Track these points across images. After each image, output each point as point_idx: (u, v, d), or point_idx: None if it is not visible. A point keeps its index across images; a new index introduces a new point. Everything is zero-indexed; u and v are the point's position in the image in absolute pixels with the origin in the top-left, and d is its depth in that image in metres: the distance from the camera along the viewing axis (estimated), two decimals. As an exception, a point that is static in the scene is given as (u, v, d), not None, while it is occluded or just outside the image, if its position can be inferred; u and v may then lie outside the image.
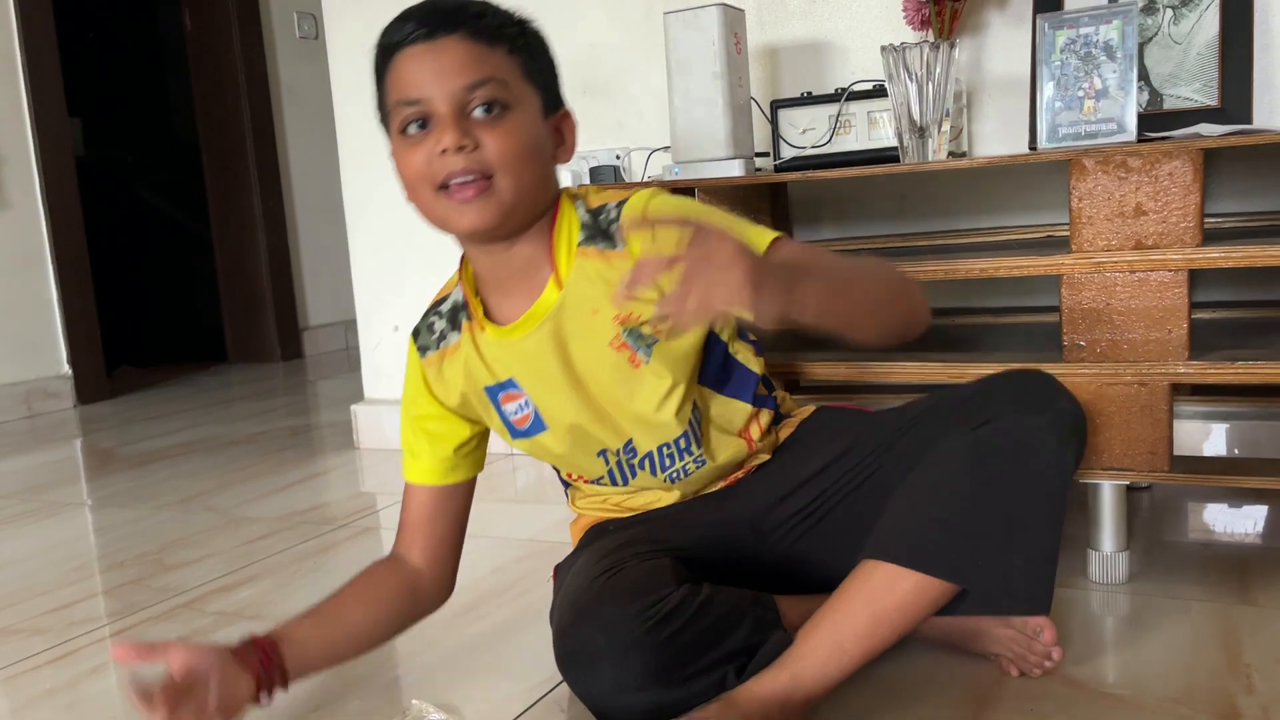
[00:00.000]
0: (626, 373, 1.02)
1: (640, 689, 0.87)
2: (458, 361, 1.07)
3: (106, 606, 1.46)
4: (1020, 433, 0.92)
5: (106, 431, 2.86)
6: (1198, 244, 1.16)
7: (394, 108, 0.95)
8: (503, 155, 0.93)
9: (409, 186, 0.97)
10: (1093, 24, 1.46)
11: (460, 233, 0.97)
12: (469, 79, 0.92)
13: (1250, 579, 1.25)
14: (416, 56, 0.93)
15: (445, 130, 0.91)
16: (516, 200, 0.95)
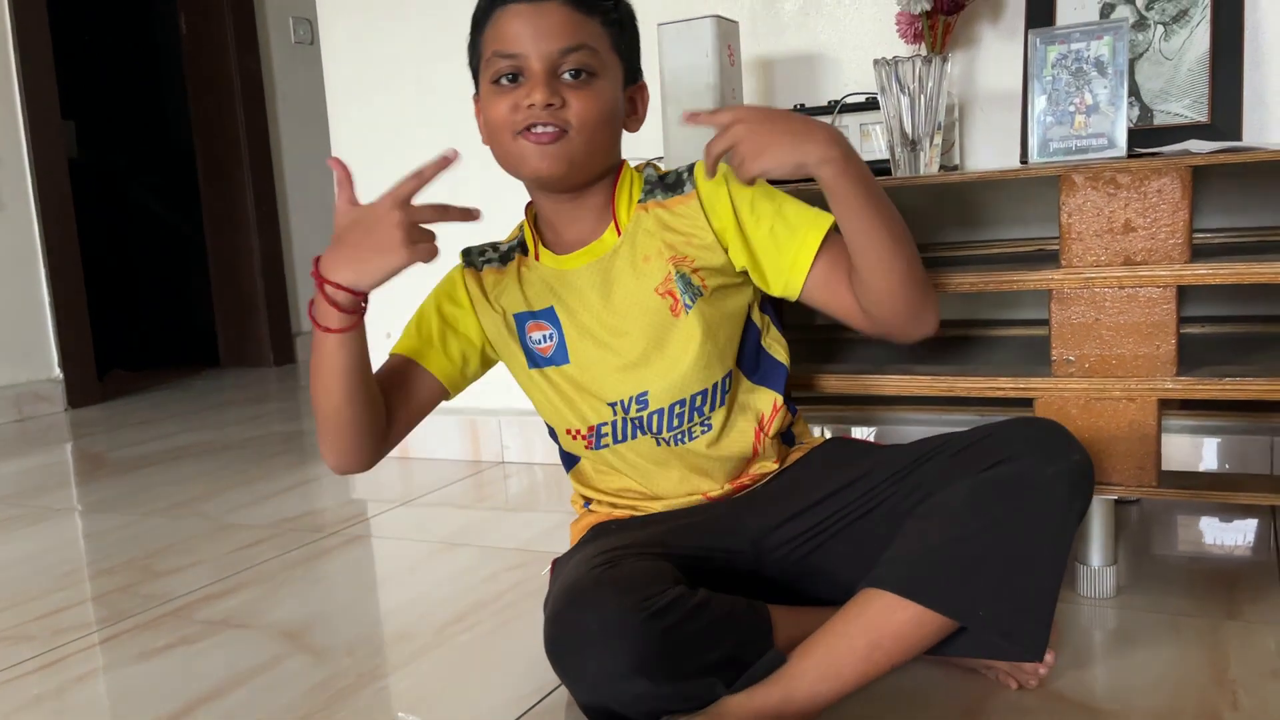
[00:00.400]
0: (663, 318, 1.09)
1: (626, 678, 0.87)
2: (497, 285, 1.17)
3: (95, 613, 1.46)
4: (1032, 477, 0.93)
5: (97, 436, 2.86)
6: (1186, 260, 1.17)
7: (490, 58, 1.04)
8: (582, 117, 1.02)
9: (491, 129, 1.07)
10: (1084, 40, 1.47)
11: (531, 175, 1.06)
12: (564, 43, 1.01)
13: (1238, 594, 1.26)
14: (519, 14, 1.02)
15: (536, 87, 1.00)
16: (586, 157, 1.04)
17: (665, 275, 1.09)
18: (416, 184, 0.98)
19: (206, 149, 3.96)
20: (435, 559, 1.61)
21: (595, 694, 0.89)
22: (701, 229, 1.09)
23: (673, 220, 1.10)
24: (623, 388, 1.11)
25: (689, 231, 1.09)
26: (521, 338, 1.16)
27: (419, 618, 1.37)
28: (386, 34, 2.21)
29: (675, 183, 1.12)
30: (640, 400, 1.11)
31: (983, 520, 0.92)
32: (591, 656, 0.88)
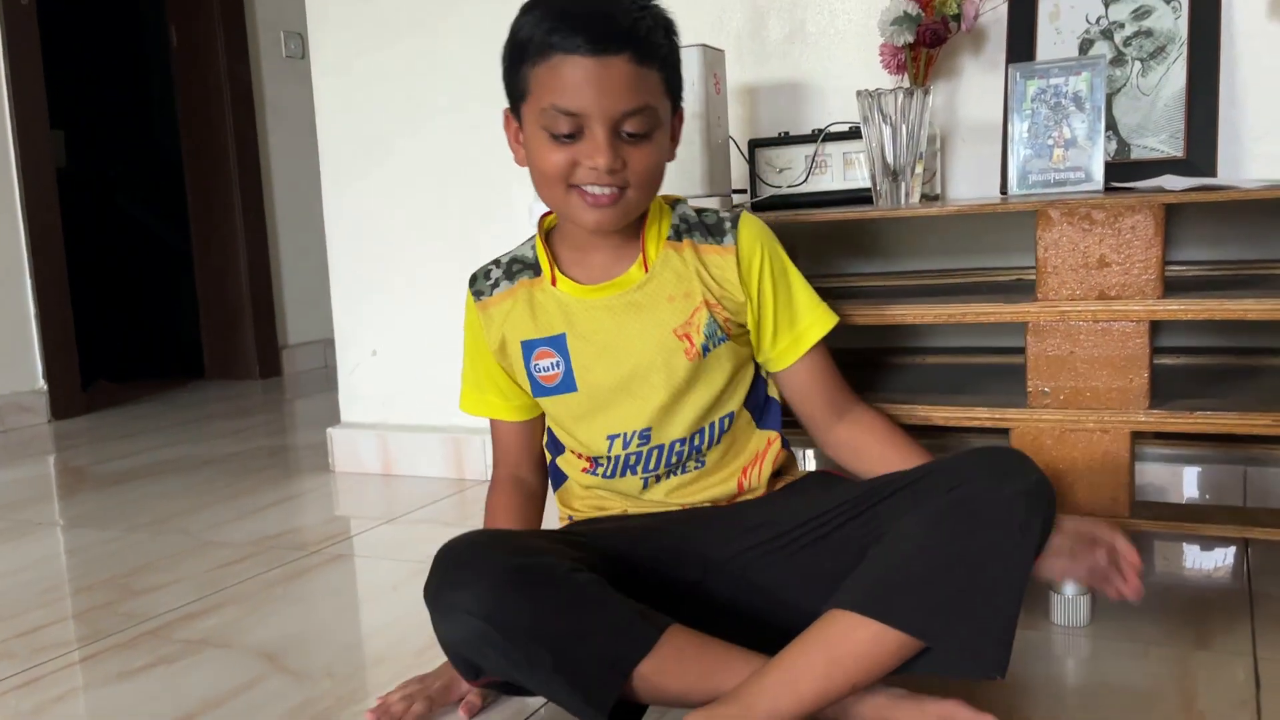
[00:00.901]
0: (677, 359, 1.11)
1: (471, 614, 0.92)
2: (503, 309, 1.16)
3: (75, 632, 1.46)
4: (989, 497, 0.94)
5: (80, 449, 2.85)
6: (1159, 296, 1.19)
7: (548, 109, 1.01)
8: (641, 175, 1.03)
9: (542, 177, 1.05)
10: (1063, 75, 1.50)
11: (582, 227, 1.07)
12: (628, 105, 1.00)
13: (1209, 624, 1.28)
14: (583, 69, 0.99)
15: (601, 152, 1.00)
16: (638, 208, 1.07)
17: (689, 317, 1.11)
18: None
19: (195, 161, 3.96)
20: (417, 579, 1.60)
21: (447, 625, 0.96)
22: (733, 284, 1.12)
23: (710, 266, 1.12)
24: (628, 422, 1.13)
25: (723, 280, 1.12)
26: (526, 364, 1.16)
27: (399, 640, 1.37)
28: (376, 50, 2.23)
29: (716, 228, 1.13)
30: (643, 435, 1.13)
31: (940, 540, 0.94)
32: (448, 585, 0.94)
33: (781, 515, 1.10)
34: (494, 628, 0.92)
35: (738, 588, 1.08)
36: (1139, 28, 1.57)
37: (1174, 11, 1.55)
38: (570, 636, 0.92)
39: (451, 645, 0.98)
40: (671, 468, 1.14)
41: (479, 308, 1.18)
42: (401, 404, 2.32)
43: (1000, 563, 0.93)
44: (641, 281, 1.11)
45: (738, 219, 1.14)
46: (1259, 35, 1.55)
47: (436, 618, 0.97)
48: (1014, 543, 0.94)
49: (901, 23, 1.58)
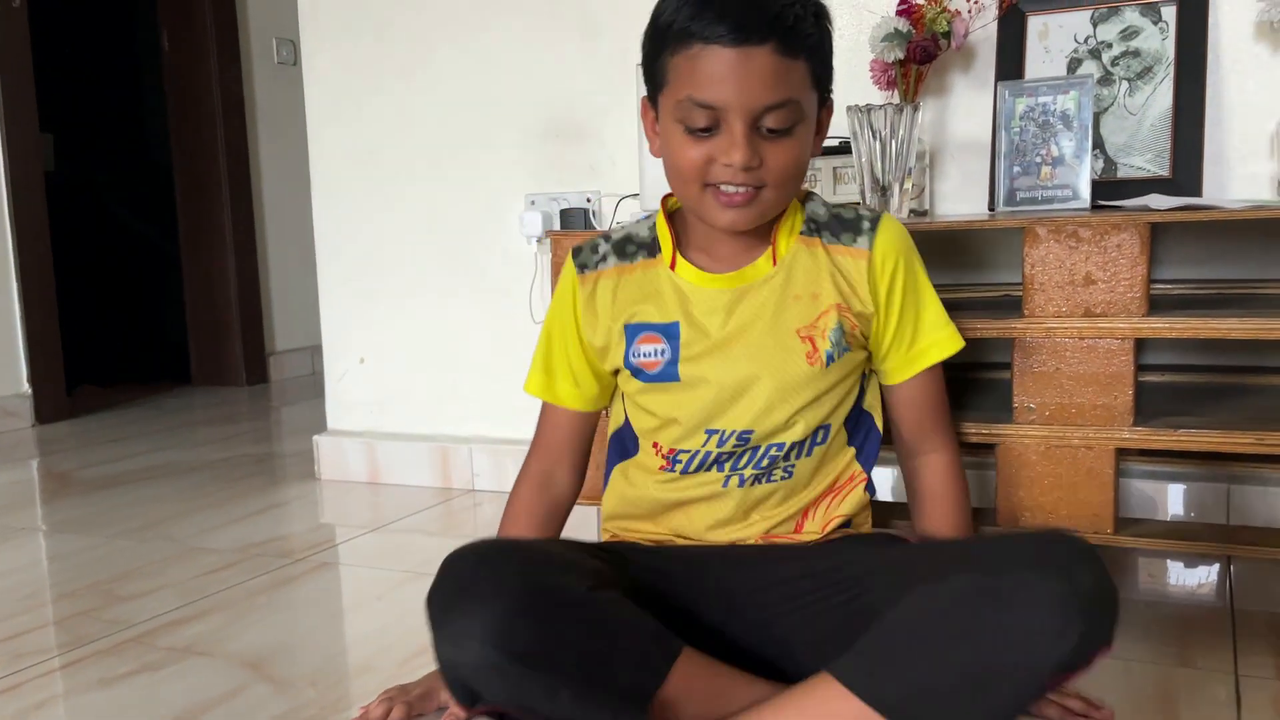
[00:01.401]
0: (797, 361, 1.04)
1: (482, 642, 0.83)
2: (609, 286, 1.09)
3: (56, 638, 1.45)
4: (1021, 593, 0.80)
5: (65, 453, 2.83)
6: (1144, 314, 1.20)
7: (684, 101, 0.95)
8: (779, 173, 0.97)
9: (676, 172, 0.99)
10: (1051, 94, 1.51)
11: (716, 227, 1.01)
12: (770, 99, 0.93)
13: (1191, 641, 1.28)
14: (724, 60, 0.92)
15: (737, 148, 0.94)
16: (775, 208, 1.01)
17: (815, 319, 1.04)
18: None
19: (185, 165, 3.95)
20: (402, 588, 1.61)
21: (453, 651, 0.86)
22: (864, 289, 1.04)
23: (842, 268, 1.05)
24: (731, 420, 1.04)
25: (856, 284, 1.05)
26: (628, 347, 1.08)
27: (384, 649, 1.37)
28: (368, 59, 2.23)
29: (852, 225, 1.06)
30: (743, 437, 1.05)
31: (955, 631, 0.82)
32: (456, 608, 0.86)
33: (819, 572, 1.02)
34: (507, 657, 0.84)
35: (758, 636, 1.02)
36: (1126, 48, 1.58)
37: (1161, 33, 1.56)
38: (589, 666, 0.86)
39: (455, 670, 0.88)
40: (761, 471, 1.06)
41: (581, 281, 1.09)
42: (389, 412, 2.32)
43: (1013, 673, 0.81)
44: (769, 275, 1.04)
45: (878, 221, 1.06)
46: (1245, 57, 1.57)
47: (441, 641, 0.88)
48: (1041, 653, 0.80)
49: (892, 39, 1.59)
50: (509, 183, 2.12)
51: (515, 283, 2.12)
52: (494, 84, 2.12)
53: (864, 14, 1.76)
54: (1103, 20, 1.60)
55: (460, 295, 2.20)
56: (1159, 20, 1.56)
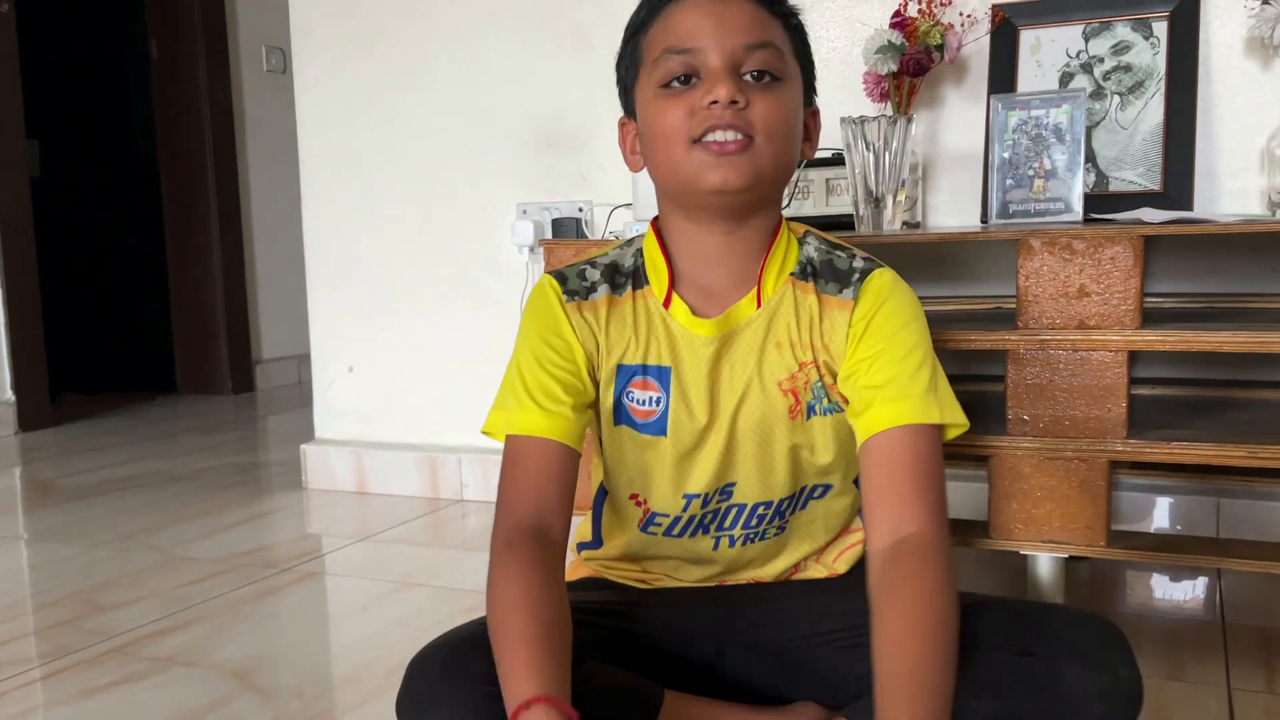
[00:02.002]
0: (778, 417, 0.93)
1: None
2: (600, 318, 0.95)
3: (37, 648, 1.43)
4: (1066, 685, 0.77)
5: (47, 461, 2.80)
6: (1137, 326, 1.20)
7: (660, 57, 0.89)
8: (768, 121, 0.87)
9: (659, 140, 0.89)
10: (1043, 107, 1.51)
11: (714, 189, 0.87)
12: (751, 38, 0.87)
13: (1182, 654, 1.28)
14: (698, 7, 0.88)
15: (719, 83, 0.86)
16: (770, 170, 0.89)
17: (795, 372, 0.93)
18: None
19: (172, 173, 3.93)
20: (389, 599, 1.60)
21: None
22: (839, 348, 0.93)
23: (824, 319, 0.93)
24: (709, 481, 0.95)
25: (831, 338, 0.93)
26: (618, 391, 0.95)
27: (370, 659, 1.35)
28: (359, 69, 2.23)
29: (844, 276, 0.94)
30: (725, 491, 0.96)
31: (992, 710, 0.79)
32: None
33: (814, 615, 0.96)
34: None
35: (751, 674, 0.97)
36: (1118, 62, 1.59)
37: (1152, 48, 1.57)
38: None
39: None
40: (751, 531, 0.97)
41: (572, 308, 0.94)
42: (377, 421, 2.30)
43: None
44: (750, 318, 0.93)
45: (868, 273, 0.94)
46: (1235, 73, 1.58)
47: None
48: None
49: (885, 51, 1.60)
50: (500, 192, 2.12)
51: (506, 292, 2.12)
52: (485, 93, 2.11)
53: (857, 26, 1.76)
54: (1094, 35, 1.60)
55: (450, 304, 2.19)
56: (1150, 35, 1.57)
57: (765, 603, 0.98)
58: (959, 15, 1.65)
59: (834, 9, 1.80)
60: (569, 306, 0.95)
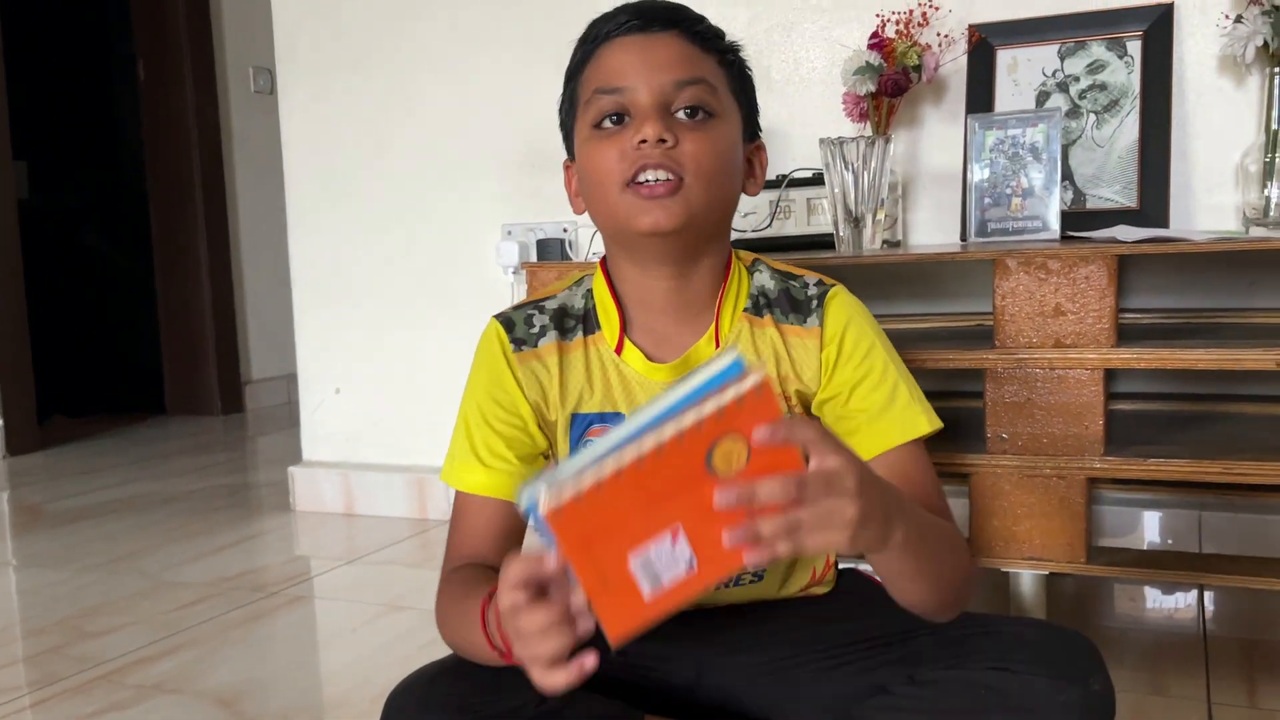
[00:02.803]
0: None
1: None
2: (550, 367, 0.93)
3: (25, 676, 1.43)
4: (1035, 701, 0.77)
5: (35, 486, 2.80)
6: (1113, 345, 1.21)
7: (591, 97, 0.88)
8: (698, 160, 0.85)
9: (593, 185, 0.89)
10: (1020, 126, 1.54)
11: (645, 233, 0.86)
12: (679, 75, 0.86)
13: (1163, 669, 1.29)
14: (626, 46, 0.88)
15: (647, 121, 0.84)
16: (704, 210, 0.87)
17: None
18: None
19: (160, 193, 3.93)
20: (378, 622, 1.60)
21: None
22: (813, 368, 0.92)
23: (793, 349, 0.92)
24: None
25: (803, 364, 0.92)
26: (575, 439, 0.94)
27: (359, 683, 1.36)
28: (345, 91, 2.24)
29: (803, 305, 0.93)
30: None
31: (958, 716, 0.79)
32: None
33: (795, 637, 0.95)
34: None
35: (731, 696, 0.96)
36: (1093, 81, 1.61)
37: (1127, 66, 1.59)
38: None
39: None
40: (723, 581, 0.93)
41: (518, 359, 0.94)
42: (364, 443, 2.30)
43: None
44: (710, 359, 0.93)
45: (825, 295, 0.94)
46: (1210, 90, 1.60)
47: None
48: None
49: (864, 72, 1.61)
50: (486, 212, 2.13)
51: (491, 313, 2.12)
52: (471, 115, 2.12)
53: (836, 48, 1.78)
54: (1070, 54, 1.62)
55: (436, 325, 2.20)
56: (1125, 54, 1.59)
57: (744, 623, 0.98)
58: (936, 36, 1.67)
59: (813, 30, 1.82)
60: (514, 358, 0.94)
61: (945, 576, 0.82)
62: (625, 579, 0.63)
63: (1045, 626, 0.87)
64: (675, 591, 0.64)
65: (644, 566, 0.63)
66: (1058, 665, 0.79)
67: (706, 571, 0.64)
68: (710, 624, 0.97)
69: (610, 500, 0.61)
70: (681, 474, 0.62)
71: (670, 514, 0.62)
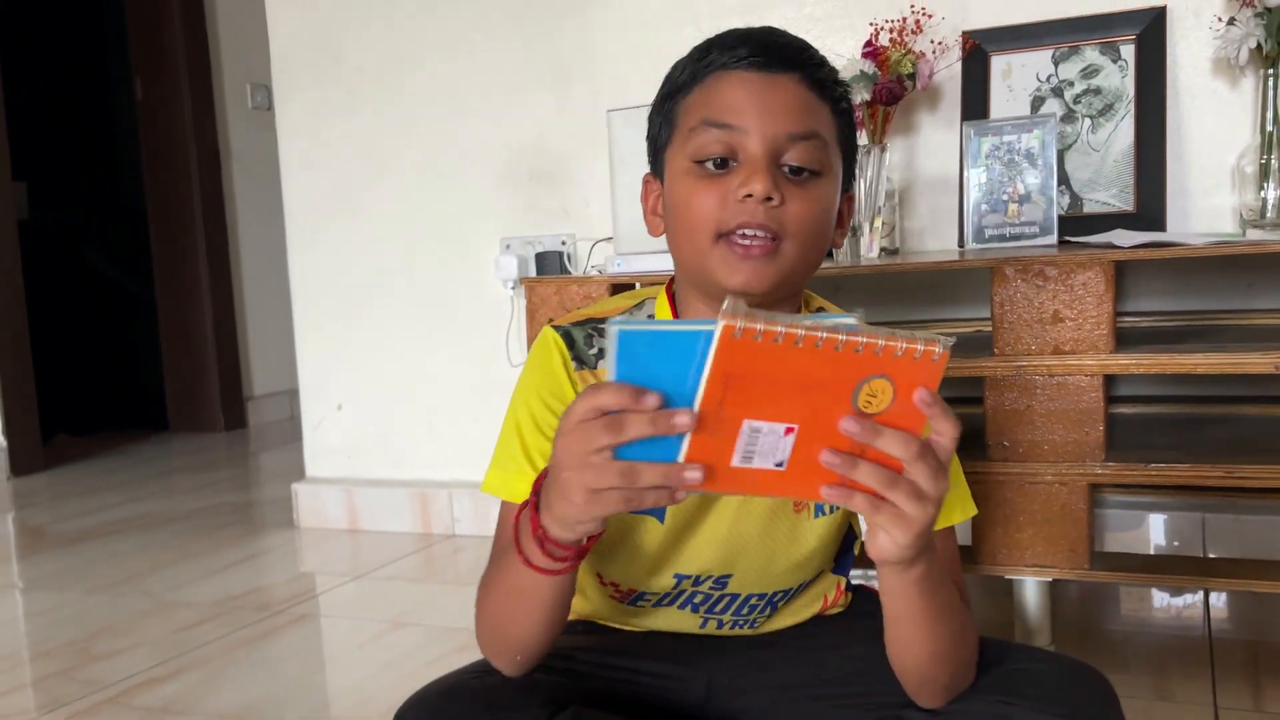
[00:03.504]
0: (780, 513, 0.90)
1: None
2: None
3: (34, 699, 1.43)
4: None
5: (39, 507, 2.80)
6: (1111, 350, 1.21)
7: (697, 126, 0.82)
8: (801, 222, 0.81)
9: (684, 225, 0.84)
10: (1015, 132, 1.54)
11: (727, 288, 0.81)
12: (796, 127, 0.81)
13: (1168, 673, 1.29)
14: (746, 82, 0.81)
15: (757, 176, 0.79)
16: (795, 273, 0.83)
17: None
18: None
19: (160, 212, 3.94)
20: (383, 639, 1.60)
21: None
22: None
23: None
24: (707, 563, 0.91)
25: None
26: None
27: (365, 700, 1.36)
28: (342, 109, 2.24)
29: None
30: (720, 581, 0.92)
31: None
32: None
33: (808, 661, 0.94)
34: None
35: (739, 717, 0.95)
36: (1088, 85, 1.61)
37: (1121, 70, 1.59)
38: None
39: None
40: (741, 618, 0.96)
41: (579, 377, 0.90)
42: (367, 458, 2.31)
43: None
44: None
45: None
46: (1203, 92, 1.60)
47: None
48: None
49: (858, 81, 1.62)
50: (484, 226, 2.13)
51: (492, 326, 2.13)
52: (468, 129, 2.13)
53: (831, 56, 1.76)
54: (1064, 59, 1.63)
55: (437, 339, 2.20)
56: (1118, 58, 1.60)
57: (755, 645, 0.97)
58: (930, 43, 1.67)
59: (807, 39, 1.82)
60: (578, 376, 0.90)
61: (944, 643, 0.79)
62: (729, 435, 0.62)
63: (1061, 661, 0.85)
64: (752, 478, 0.63)
65: (749, 437, 0.62)
66: (1069, 702, 0.77)
67: (786, 481, 0.63)
68: (721, 644, 0.97)
69: (772, 360, 0.59)
70: (833, 383, 0.61)
71: (800, 410, 0.61)
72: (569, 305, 1.52)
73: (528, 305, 1.55)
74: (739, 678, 0.95)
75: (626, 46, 1.92)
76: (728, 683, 0.95)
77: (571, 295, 1.51)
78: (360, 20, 2.21)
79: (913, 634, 0.78)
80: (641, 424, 0.62)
